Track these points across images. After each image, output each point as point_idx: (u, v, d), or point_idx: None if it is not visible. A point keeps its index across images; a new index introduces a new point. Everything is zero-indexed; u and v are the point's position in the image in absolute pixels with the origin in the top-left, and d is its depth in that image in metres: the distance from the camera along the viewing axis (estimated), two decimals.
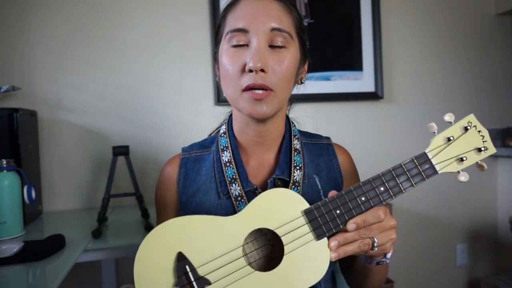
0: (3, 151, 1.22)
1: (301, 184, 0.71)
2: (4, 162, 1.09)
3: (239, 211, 0.69)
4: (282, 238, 0.57)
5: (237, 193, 0.69)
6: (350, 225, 0.57)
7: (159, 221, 0.79)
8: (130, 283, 1.60)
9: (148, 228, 1.19)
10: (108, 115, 1.59)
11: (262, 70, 0.63)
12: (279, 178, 0.71)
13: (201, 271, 0.55)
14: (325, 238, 0.57)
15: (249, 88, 0.64)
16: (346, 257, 0.77)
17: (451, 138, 0.59)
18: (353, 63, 1.83)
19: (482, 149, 0.59)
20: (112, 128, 1.59)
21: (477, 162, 0.60)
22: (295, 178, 0.70)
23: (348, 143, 0.88)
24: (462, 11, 2.01)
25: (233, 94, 0.67)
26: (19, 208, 1.12)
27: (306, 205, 0.59)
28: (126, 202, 1.59)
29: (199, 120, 1.66)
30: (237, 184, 0.70)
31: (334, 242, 0.57)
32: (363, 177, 0.84)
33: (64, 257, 0.95)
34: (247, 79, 0.63)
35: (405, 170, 0.58)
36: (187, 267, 0.55)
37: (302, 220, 0.58)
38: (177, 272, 0.55)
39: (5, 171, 1.09)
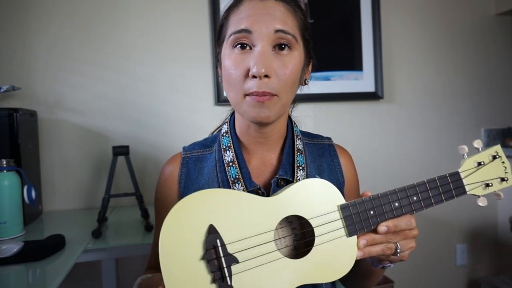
0: (3, 151, 1.22)
1: None
2: (4, 162, 1.09)
3: None
4: (315, 230, 0.57)
5: None
6: (382, 227, 0.58)
7: (159, 221, 0.79)
8: (130, 282, 1.60)
9: (148, 228, 1.19)
10: (108, 115, 1.59)
11: (266, 76, 0.62)
12: (282, 178, 0.70)
13: (230, 248, 0.54)
14: (355, 236, 0.58)
15: (252, 94, 0.63)
16: None
17: (482, 163, 0.64)
18: (353, 63, 1.83)
19: (505, 179, 0.64)
20: (112, 128, 1.59)
21: (495, 190, 0.64)
22: (298, 178, 0.70)
23: (348, 143, 0.88)
24: (462, 11, 2.01)
25: (236, 98, 0.66)
26: (19, 208, 1.12)
27: (342, 200, 0.59)
28: (126, 202, 1.59)
29: (199, 120, 1.67)
30: (240, 184, 0.69)
31: (363, 241, 0.58)
32: (362, 176, 0.84)
33: (64, 257, 0.95)
34: (251, 85, 0.62)
35: (438, 185, 0.62)
36: (218, 241, 0.53)
37: (337, 214, 0.59)
38: (206, 245, 0.53)
39: (5, 171, 1.09)
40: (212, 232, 0.53)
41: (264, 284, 0.54)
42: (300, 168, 0.72)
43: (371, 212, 0.59)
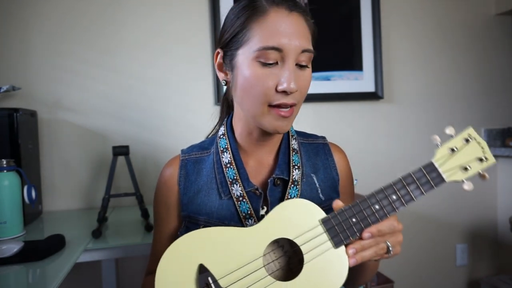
0: (3, 151, 1.23)
1: (300, 183, 0.73)
2: (4, 162, 1.09)
3: (240, 211, 0.70)
4: (301, 248, 0.58)
5: (238, 194, 0.71)
6: (366, 234, 0.58)
7: (160, 223, 0.79)
8: (130, 282, 1.60)
9: (148, 228, 1.19)
10: (108, 115, 1.59)
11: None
12: (279, 178, 0.72)
13: (223, 283, 0.56)
14: (343, 246, 0.59)
15: (278, 106, 0.65)
16: None
17: (455, 149, 0.62)
18: (353, 63, 1.83)
19: (483, 158, 0.62)
20: (112, 128, 1.59)
21: (479, 172, 0.63)
22: (294, 177, 0.72)
23: (348, 143, 0.89)
24: (462, 11, 2.01)
25: (257, 110, 0.67)
26: (19, 208, 1.12)
27: (322, 214, 0.60)
28: (126, 202, 1.59)
29: (199, 120, 1.66)
30: (238, 185, 0.71)
31: (352, 250, 0.58)
32: (362, 176, 0.84)
33: (64, 257, 0.95)
34: (279, 98, 0.65)
35: (415, 179, 0.61)
36: (209, 278, 0.55)
37: (320, 229, 0.59)
38: (199, 284, 0.55)
39: (5, 171, 1.09)
40: (202, 271, 0.55)
41: None
42: (296, 167, 0.73)
43: (353, 220, 0.59)
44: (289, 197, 0.70)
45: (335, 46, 1.81)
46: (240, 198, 0.70)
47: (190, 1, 1.67)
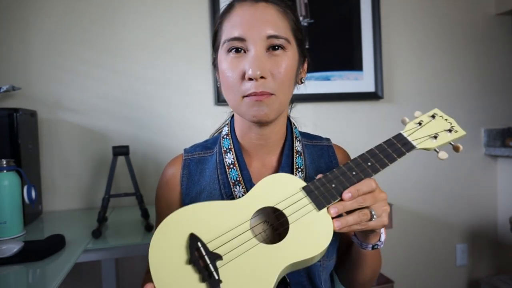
0: (3, 151, 1.22)
1: None
2: (4, 162, 1.09)
3: None
4: (284, 211, 0.60)
5: (241, 195, 0.70)
6: (346, 194, 0.59)
7: (161, 221, 0.79)
8: (130, 282, 1.60)
9: (148, 228, 1.19)
10: (108, 115, 1.59)
11: (261, 77, 0.64)
12: None
13: (211, 246, 0.57)
14: (325, 209, 0.60)
15: (250, 95, 0.65)
16: (342, 251, 0.77)
17: (421, 122, 0.68)
18: (353, 63, 1.83)
19: (452, 129, 0.67)
20: (112, 128, 1.59)
21: (451, 144, 0.67)
22: None
23: (348, 143, 0.89)
24: (462, 11, 2.01)
25: (234, 101, 0.67)
26: (19, 208, 1.12)
27: (303, 183, 0.63)
28: (126, 202, 1.59)
29: (199, 119, 1.67)
30: (241, 186, 0.71)
31: (333, 209, 0.59)
32: None
33: (64, 257, 0.95)
34: (248, 87, 0.64)
35: (386, 147, 0.65)
36: (198, 243, 0.57)
37: (301, 194, 0.61)
38: (189, 249, 0.57)
39: (5, 171, 1.09)
40: (192, 238, 0.57)
41: (251, 271, 0.56)
42: (299, 170, 0.73)
43: (332, 185, 0.61)
44: None
45: (335, 46, 1.81)
46: None
47: (190, 1, 1.67)
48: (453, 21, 2.00)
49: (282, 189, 0.62)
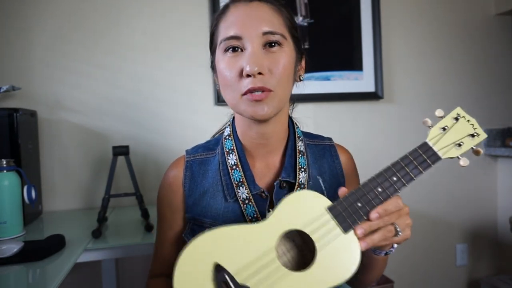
0: (3, 151, 1.22)
1: (306, 185, 0.72)
2: (4, 162, 1.09)
3: (246, 214, 0.69)
4: (312, 237, 0.59)
5: (244, 196, 0.70)
6: (373, 214, 0.59)
7: (164, 224, 0.78)
8: (130, 282, 1.60)
9: (148, 228, 1.19)
10: (108, 115, 1.59)
11: (259, 73, 0.64)
12: (285, 181, 0.71)
13: (239, 278, 0.56)
14: (352, 231, 0.59)
15: (248, 92, 0.64)
16: None
17: (446, 127, 0.66)
18: (353, 63, 1.83)
19: (475, 134, 0.64)
20: (112, 128, 1.59)
21: (472, 148, 0.64)
22: (300, 180, 0.71)
23: (348, 143, 0.89)
24: (462, 11, 2.01)
25: (233, 99, 0.67)
26: (19, 208, 1.12)
27: (328, 202, 0.61)
28: (126, 202, 1.59)
29: (199, 120, 1.67)
30: (244, 187, 0.70)
31: (360, 230, 0.59)
32: (363, 177, 0.84)
33: (64, 257, 0.95)
34: (246, 84, 0.64)
35: (412, 159, 0.63)
36: (225, 275, 0.56)
37: (328, 216, 0.60)
38: (217, 282, 0.56)
39: (5, 171, 1.09)
40: (218, 269, 0.56)
41: None
42: (302, 170, 0.72)
43: (359, 204, 0.60)
44: None
45: (335, 46, 1.81)
46: (246, 201, 0.70)
47: (191, 3, 1.67)
48: (453, 21, 2.00)
49: (307, 210, 0.60)
